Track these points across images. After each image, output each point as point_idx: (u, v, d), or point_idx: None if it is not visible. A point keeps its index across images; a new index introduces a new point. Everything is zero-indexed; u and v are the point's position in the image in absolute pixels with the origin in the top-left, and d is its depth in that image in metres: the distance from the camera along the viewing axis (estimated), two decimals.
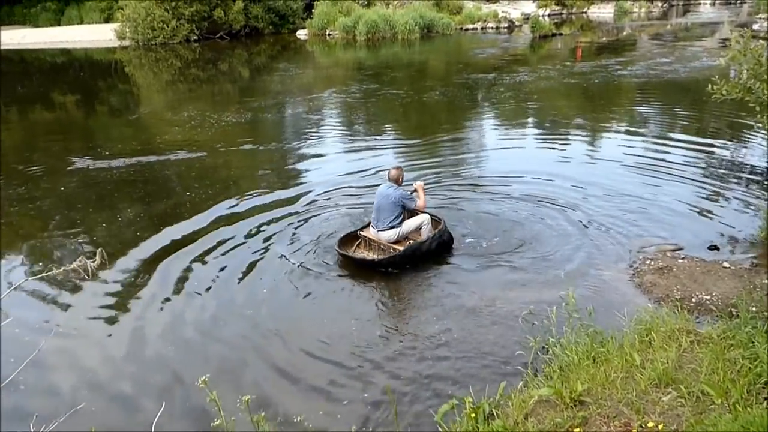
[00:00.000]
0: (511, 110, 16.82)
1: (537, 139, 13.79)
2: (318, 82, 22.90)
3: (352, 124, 16.15)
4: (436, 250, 7.67)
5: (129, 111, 18.59)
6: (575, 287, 6.75)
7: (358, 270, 7.47)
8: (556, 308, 5.35)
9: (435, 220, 7.96)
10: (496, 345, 5.80)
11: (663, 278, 6.87)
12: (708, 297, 6.38)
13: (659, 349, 4.86)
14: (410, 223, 7.78)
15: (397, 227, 7.66)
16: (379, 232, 7.72)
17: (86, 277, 2.47)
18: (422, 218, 7.84)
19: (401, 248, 7.53)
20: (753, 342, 4.68)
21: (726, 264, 7.15)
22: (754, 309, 5.61)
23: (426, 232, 7.76)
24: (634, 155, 11.86)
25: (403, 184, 7.96)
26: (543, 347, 5.29)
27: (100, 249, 2.79)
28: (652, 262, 7.29)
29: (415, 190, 7.92)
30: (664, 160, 11.44)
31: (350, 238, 7.93)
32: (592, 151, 12.43)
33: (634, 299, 6.52)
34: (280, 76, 24.03)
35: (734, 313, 5.73)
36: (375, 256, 7.60)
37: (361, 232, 8.00)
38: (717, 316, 5.82)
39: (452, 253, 7.88)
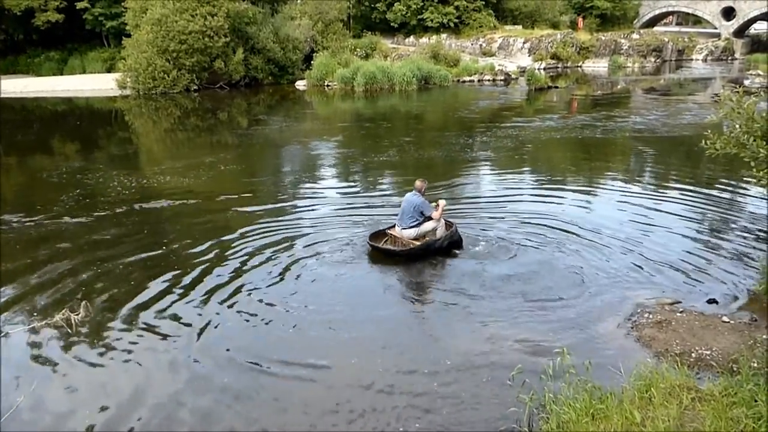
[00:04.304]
0: (507, 161, 16.91)
1: (532, 189, 13.78)
2: (316, 132, 23.11)
3: (348, 172, 16.18)
4: (447, 248, 9.37)
5: (125, 158, 18.67)
6: (572, 340, 6.67)
7: (358, 306, 7.38)
8: (552, 363, 5.24)
9: (448, 224, 9.66)
10: (490, 399, 5.66)
11: (662, 332, 6.76)
12: (708, 352, 6.27)
13: (660, 406, 4.74)
14: (427, 226, 9.43)
15: (416, 227, 9.39)
16: (402, 230, 9.47)
17: (69, 330, 2.40)
18: (437, 222, 9.46)
19: (418, 243, 9.23)
20: (756, 400, 4.57)
21: (725, 318, 7.06)
22: (755, 365, 5.50)
23: (440, 233, 9.40)
24: (629, 207, 11.87)
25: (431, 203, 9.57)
26: (540, 404, 5.16)
27: (84, 301, 2.71)
28: (651, 316, 7.19)
29: (437, 205, 9.48)
30: (659, 212, 11.44)
31: (379, 235, 9.70)
32: (588, 202, 12.43)
33: (633, 353, 6.41)
34: (278, 125, 24.22)
35: (735, 369, 5.62)
36: (396, 248, 9.32)
37: (388, 231, 9.76)
38: (718, 372, 5.71)
39: (447, 298, 7.96)
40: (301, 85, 37.18)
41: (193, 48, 32.84)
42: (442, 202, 9.55)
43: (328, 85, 35.90)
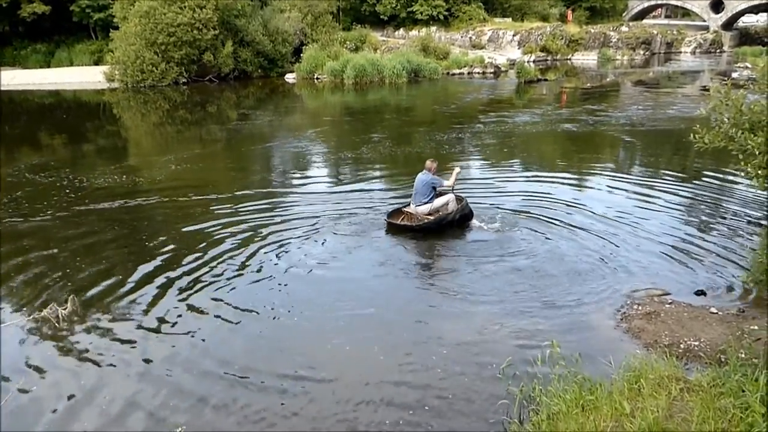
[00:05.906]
0: (496, 154, 16.93)
1: (521, 182, 13.77)
2: (305, 125, 23.03)
3: (339, 165, 16.15)
4: (459, 220, 10.18)
5: (114, 153, 18.54)
6: (561, 331, 6.70)
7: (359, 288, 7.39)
8: (542, 354, 5.26)
9: (458, 198, 10.42)
10: (480, 391, 5.68)
11: (651, 323, 6.81)
12: (696, 343, 6.32)
13: (649, 397, 4.78)
14: (439, 201, 10.25)
15: (429, 203, 10.19)
16: (417, 207, 10.25)
17: (56, 324, 2.37)
18: (448, 197, 10.31)
19: (432, 218, 10.07)
20: (743, 390, 4.61)
21: (713, 309, 7.12)
22: (743, 356, 5.54)
23: (451, 207, 10.18)
24: (618, 199, 11.93)
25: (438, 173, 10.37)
26: (529, 396, 5.19)
27: (72, 296, 2.68)
28: (640, 307, 7.24)
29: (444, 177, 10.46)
30: (648, 204, 11.50)
31: (396, 213, 10.52)
32: (578, 194, 12.46)
33: (623, 345, 6.45)
34: (266, 119, 24.11)
35: (723, 360, 5.67)
36: (413, 224, 10.11)
37: (404, 209, 10.57)
38: (706, 363, 5.76)
39: (439, 290, 7.99)
40: (290, 78, 37.04)
41: (182, 40, 32.63)
42: (456, 169, 10.53)
43: (317, 78, 35.78)
